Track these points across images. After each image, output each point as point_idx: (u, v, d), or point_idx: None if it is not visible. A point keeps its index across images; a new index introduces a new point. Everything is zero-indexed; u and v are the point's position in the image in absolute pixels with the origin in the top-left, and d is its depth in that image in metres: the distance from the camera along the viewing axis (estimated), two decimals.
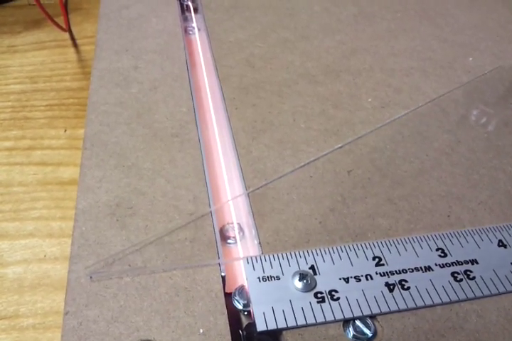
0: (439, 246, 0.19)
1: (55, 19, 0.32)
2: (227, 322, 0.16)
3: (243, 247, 0.19)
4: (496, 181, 0.22)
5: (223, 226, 0.20)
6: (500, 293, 0.18)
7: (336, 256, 0.19)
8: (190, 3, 0.34)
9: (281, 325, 0.16)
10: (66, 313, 0.17)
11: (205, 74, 0.28)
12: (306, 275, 0.18)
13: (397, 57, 0.30)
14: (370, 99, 0.26)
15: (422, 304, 0.17)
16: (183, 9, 0.33)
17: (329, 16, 0.33)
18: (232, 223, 0.20)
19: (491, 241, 0.20)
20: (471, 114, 0.25)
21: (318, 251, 0.19)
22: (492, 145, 0.24)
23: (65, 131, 0.27)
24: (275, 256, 0.18)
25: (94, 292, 0.17)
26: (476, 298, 0.18)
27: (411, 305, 0.17)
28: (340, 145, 0.23)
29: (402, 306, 0.17)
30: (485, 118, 0.25)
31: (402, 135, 0.24)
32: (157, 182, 0.21)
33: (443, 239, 0.20)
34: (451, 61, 0.30)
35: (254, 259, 0.18)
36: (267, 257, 0.18)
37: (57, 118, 0.28)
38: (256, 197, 0.21)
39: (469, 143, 0.24)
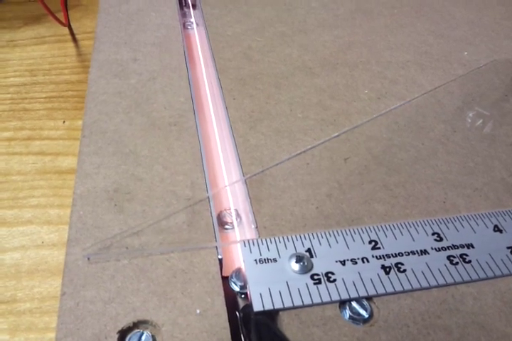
0: (435, 231, 0.19)
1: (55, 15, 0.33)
2: (224, 302, 0.16)
3: (240, 232, 0.20)
4: (491, 169, 0.23)
5: (221, 212, 0.20)
6: (496, 277, 0.18)
7: (332, 240, 0.19)
8: None
9: (278, 305, 0.16)
10: (63, 294, 0.17)
11: (203, 66, 0.28)
12: (303, 257, 0.18)
13: (394, 51, 0.30)
14: (366, 91, 0.26)
15: (418, 286, 0.17)
16: (182, 5, 0.34)
17: (326, 12, 0.33)
18: (230, 209, 0.21)
19: (487, 226, 0.20)
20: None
21: (315, 235, 0.19)
22: (487, 135, 0.24)
23: (64, 122, 0.27)
24: (272, 239, 0.19)
25: (92, 273, 0.17)
26: (472, 280, 0.18)
27: (407, 287, 0.17)
28: (337, 134, 0.24)
29: (398, 288, 0.17)
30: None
31: (398, 125, 0.25)
32: (155, 168, 0.21)
33: (439, 223, 0.20)
34: (447, 55, 0.30)
35: (251, 242, 0.18)
36: (263, 240, 0.18)
37: (56, 110, 0.28)
38: (253, 184, 0.21)
39: (465, 132, 0.24)
